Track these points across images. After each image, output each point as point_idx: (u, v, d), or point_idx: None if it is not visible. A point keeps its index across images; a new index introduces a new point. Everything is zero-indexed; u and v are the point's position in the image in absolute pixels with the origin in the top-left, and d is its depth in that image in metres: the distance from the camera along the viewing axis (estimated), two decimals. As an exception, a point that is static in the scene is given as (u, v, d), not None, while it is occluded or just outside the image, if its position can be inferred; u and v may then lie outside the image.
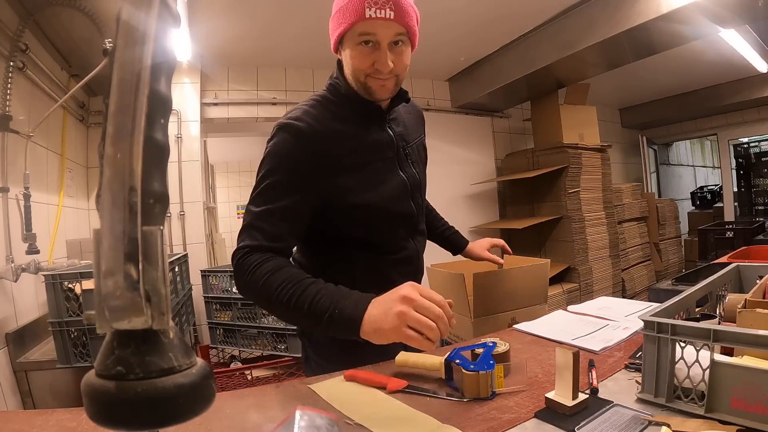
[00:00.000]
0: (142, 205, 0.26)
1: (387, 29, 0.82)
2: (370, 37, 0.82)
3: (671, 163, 6.86)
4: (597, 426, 0.58)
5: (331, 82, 0.95)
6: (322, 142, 0.85)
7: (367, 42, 0.83)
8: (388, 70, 0.84)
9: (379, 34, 0.82)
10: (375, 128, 0.94)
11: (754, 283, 0.85)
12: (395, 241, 0.97)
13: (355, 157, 0.89)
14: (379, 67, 0.84)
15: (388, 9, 0.80)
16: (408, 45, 0.87)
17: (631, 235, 4.07)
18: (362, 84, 0.88)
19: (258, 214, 0.82)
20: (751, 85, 4.29)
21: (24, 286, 1.78)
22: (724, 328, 0.59)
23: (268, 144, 0.87)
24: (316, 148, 0.85)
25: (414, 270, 1.02)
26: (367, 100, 0.90)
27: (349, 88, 0.91)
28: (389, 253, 0.96)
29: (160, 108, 0.28)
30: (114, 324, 0.26)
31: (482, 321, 2.24)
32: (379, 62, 0.84)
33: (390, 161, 0.95)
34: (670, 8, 2.15)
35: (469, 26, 2.73)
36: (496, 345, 0.80)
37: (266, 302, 0.79)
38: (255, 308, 2.39)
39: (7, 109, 1.69)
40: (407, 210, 0.97)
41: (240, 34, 2.61)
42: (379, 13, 0.79)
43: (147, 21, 0.27)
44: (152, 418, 0.26)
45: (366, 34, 0.82)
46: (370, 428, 0.62)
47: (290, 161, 0.84)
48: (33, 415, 0.68)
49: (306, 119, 0.86)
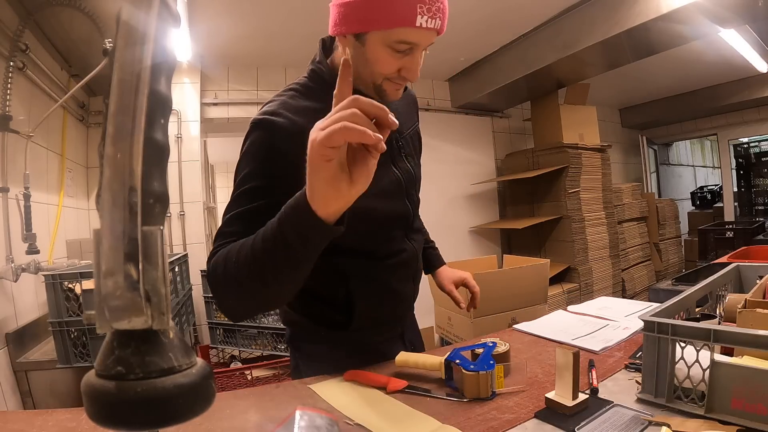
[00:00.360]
0: (142, 205, 0.26)
1: (429, 38, 0.73)
2: (409, 46, 0.73)
3: (671, 163, 6.86)
4: (597, 426, 0.58)
5: (313, 68, 0.84)
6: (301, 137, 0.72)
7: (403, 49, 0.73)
8: (415, 79, 0.76)
9: (421, 44, 0.73)
10: None
11: (754, 283, 0.85)
12: (391, 244, 0.89)
13: None
14: (407, 75, 0.76)
15: (438, 19, 0.71)
16: None
17: (631, 235, 4.07)
18: (376, 86, 0.78)
19: (230, 218, 0.73)
20: (751, 85, 4.30)
21: (24, 286, 1.78)
22: (724, 328, 0.59)
23: (244, 143, 0.77)
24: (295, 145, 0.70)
25: (413, 272, 0.96)
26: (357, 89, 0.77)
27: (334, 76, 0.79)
28: (386, 258, 0.88)
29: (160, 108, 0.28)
30: (114, 324, 0.26)
31: (482, 321, 2.24)
32: (409, 70, 0.75)
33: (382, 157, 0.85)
34: (670, 8, 2.15)
35: (469, 26, 2.73)
36: (496, 345, 0.80)
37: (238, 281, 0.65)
38: (255, 308, 2.39)
39: (7, 109, 1.69)
40: (402, 209, 0.89)
41: (240, 34, 2.61)
42: (430, 23, 0.70)
43: (147, 21, 0.27)
44: (152, 418, 0.26)
45: (407, 43, 0.72)
46: (370, 428, 0.62)
47: (268, 162, 0.74)
48: (33, 415, 0.68)
49: (283, 113, 0.76)
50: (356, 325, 0.86)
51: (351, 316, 0.86)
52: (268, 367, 2.26)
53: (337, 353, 0.88)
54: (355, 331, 0.87)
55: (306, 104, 0.79)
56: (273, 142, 0.74)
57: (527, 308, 2.32)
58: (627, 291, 3.82)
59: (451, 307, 2.40)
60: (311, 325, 0.90)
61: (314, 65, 0.84)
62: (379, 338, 0.93)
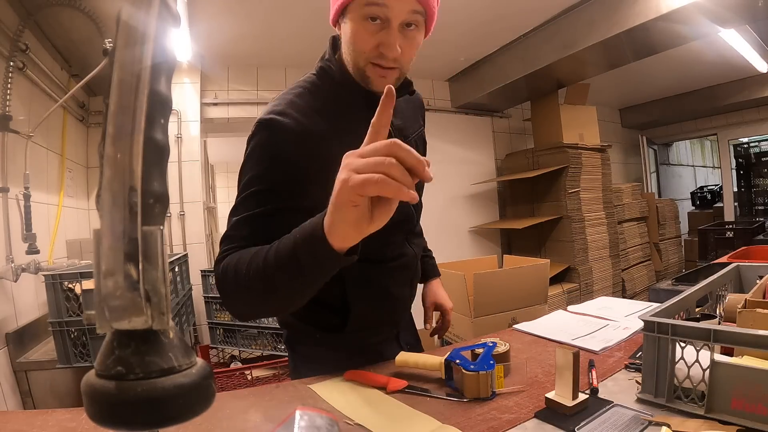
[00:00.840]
0: (142, 205, 0.26)
1: (402, 3, 0.67)
2: (378, 11, 0.67)
3: (671, 163, 6.86)
4: (597, 426, 0.58)
5: (321, 65, 0.81)
6: (309, 139, 0.72)
7: (374, 18, 0.68)
8: (394, 55, 0.69)
9: (390, 7, 0.67)
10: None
11: (754, 283, 0.85)
12: (391, 248, 0.88)
13: None
14: (384, 51, 0.70)
15: None
16: (422, 29, 0.73)
17: (631, 235, 4.07)
18: (360, 71, 0.74)
19: (238, 221, 0.71)
20: (751, 85, 4.30)
21: (24, 286, 1.78)
22: (724, 328, 0.59)
23: (248, 144, 0.74)
24: (303, 148, 0.72)
25: (411, 275, 0.95)
26: (366, 89, 0.76)
27: (344, 73, 0.77)
28: (384, 262, 0.87)
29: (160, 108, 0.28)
30: (114, 324, 0.26)
31: (482, 321, 2.24)
32: (385, 45, 0.69)
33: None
34: (670, 8, 2.15)
35: (470, 26, 2.73)
36: (496, 345, 0.80)
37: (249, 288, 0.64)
38: (255, 308, 2.39)
39: (7, 109, 1.69)
40: (404, 214, 0.86)
41: (240, 34, 2.61)
42: None
43: (147, 21, 0.27)
44: (152, 418, 0.26)
45: (374, 4, 0.67)
46: (370, 428, 0.62)
47: (273, 165, 0.72)
48: (33, 415, 0.68)
49: (291, 113, 0.73)
50: (351, 328, 0.86)
51: (347, 318, 0.85)
52: (268, 367, 2.26)
53: (332, 355, 0.88)
54: (350, 333, 0.87)
55: (313, 104, 0.76)
56: (279, 145, 0.72)
57: (527, 308, 2.32)
58: (627, 291, 3.82)
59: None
60: (305, 326, 0.90)
61: (323, 62, 0.81)
62: (374, 340, 0.92)
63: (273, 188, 0.71)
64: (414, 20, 0.69)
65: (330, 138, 0.74)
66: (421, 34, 0.73)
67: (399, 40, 0.69)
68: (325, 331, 0.88)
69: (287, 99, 0.76)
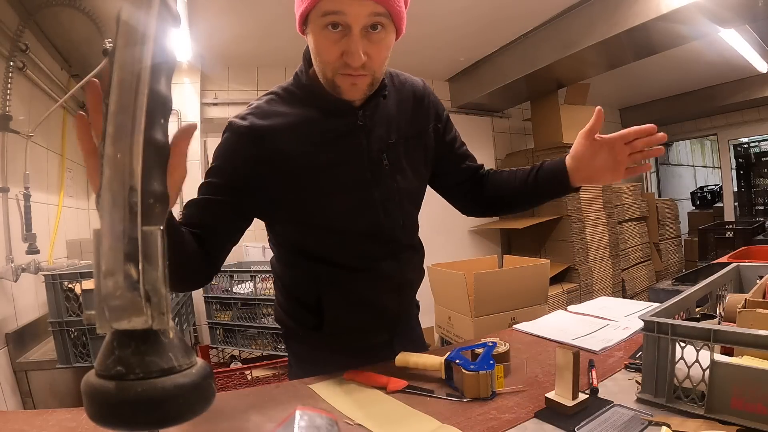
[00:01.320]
0: (142, 205, 0.26)
1: (359, 7, 0.64)
2: (337, 18, 0.64)
3: (671, 163, 6.86)
4: (597, 426, 0.58)
5: (296, 71, 0.81)
6: (266, 144, 0.74)
7: (335, 25, 0.66)
8: (358, 64, 0.67)
9: (348, 13, 0.64)
10: (342, 128, 0.78)
11: (754, 283, 0.85)
12: (365, 258, 0.85)
13: (309, 163, 0.76)
14: (348, 60, 0.67)
15: None
16: (390, 30, 0.70)
17: (631, 235, 4.07)
18: (330, 81, 0.72)
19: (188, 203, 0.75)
20: (751, 85, 4.29)
21: (24, 286, 1.78)
22: (724, 328, 0.59)
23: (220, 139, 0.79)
24: (259, 152, 0.74)
25: (395, 285, 0.90)
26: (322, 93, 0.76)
27: (311, 79, 0.77)
28: (360, 270, 0.85)
29: (160, 108, 0.28)
30: (114, 324, 0.26)
31: (482, 321, 2.24)
32: (348, 53, 0.66)
33: (355, 168, 0.79)
34: (670, 8, 2.15)
35: (469, 26, 2.73)
36: (496, 345, 0.80)
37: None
38: (255, 308, 2.39)
39: (7, 109, 1.69)
40: (372, 228, 0.83)
41: (240, 34, 2.61)
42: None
43: (147, 21, 0.27)
44: (152, 418, 0.26)
45: (332, 13, 0.64)
46: (370, 428, 0.62)
47: (228, 163, 0.75)
48: (33, 415, 0.68)
49: (251, 118, 0.75)
50: (328, 330, 0.87)
51: (322, 319, 0.86)
52: (268, 367, 2.26)
53: (318, 354, 0.90)
54: (330, 336, 0.88)
55: (279, 109, 0.78)
56: (236, 147, 0.76)
57: (527, 308, 2.32)
58: (627, 291, 3.82)
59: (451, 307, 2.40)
60: (292, 323, 0.93)
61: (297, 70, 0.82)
62: (361, 344, 0.92)
63: (222, 183, 0.75)
64: (377, 22, 0.67)
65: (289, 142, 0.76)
66: (390, 36, 0.71)
67: (363, 46, 0.67)
68: (304, 328, 0.90)
69: (255, 104, 0.79)
